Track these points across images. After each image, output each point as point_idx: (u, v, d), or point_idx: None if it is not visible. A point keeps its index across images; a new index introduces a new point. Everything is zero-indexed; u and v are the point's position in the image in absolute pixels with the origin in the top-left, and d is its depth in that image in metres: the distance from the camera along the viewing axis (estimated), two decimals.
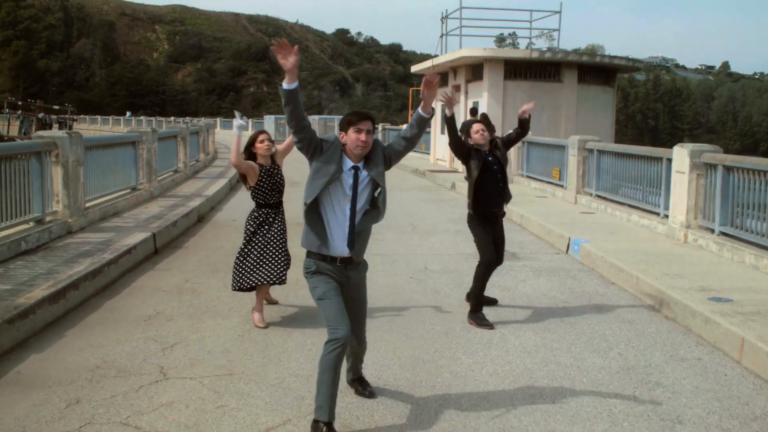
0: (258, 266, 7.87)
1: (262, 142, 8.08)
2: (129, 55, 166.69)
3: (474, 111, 24.36)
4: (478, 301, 7.98)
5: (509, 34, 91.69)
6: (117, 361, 6.61)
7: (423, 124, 5.32)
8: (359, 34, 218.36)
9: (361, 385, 5.89)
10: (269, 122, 53.88)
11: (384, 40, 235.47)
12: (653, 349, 7.20)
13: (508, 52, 24.37)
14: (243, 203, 18.00)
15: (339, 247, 5.21)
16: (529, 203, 16.58)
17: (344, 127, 5.17)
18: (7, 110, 57.90)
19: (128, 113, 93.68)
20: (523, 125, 8.40)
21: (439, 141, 28.21)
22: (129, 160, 15.46)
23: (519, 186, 20.63)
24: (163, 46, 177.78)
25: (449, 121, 8.03)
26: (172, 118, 57.48)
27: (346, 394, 5.82)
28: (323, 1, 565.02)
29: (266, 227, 7.99)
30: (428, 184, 23.73)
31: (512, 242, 12.83)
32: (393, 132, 41.07)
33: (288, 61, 4.81)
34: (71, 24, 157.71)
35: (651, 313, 8.51)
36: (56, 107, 60.06)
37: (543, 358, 6.84)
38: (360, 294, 5.48)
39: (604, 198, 15.59)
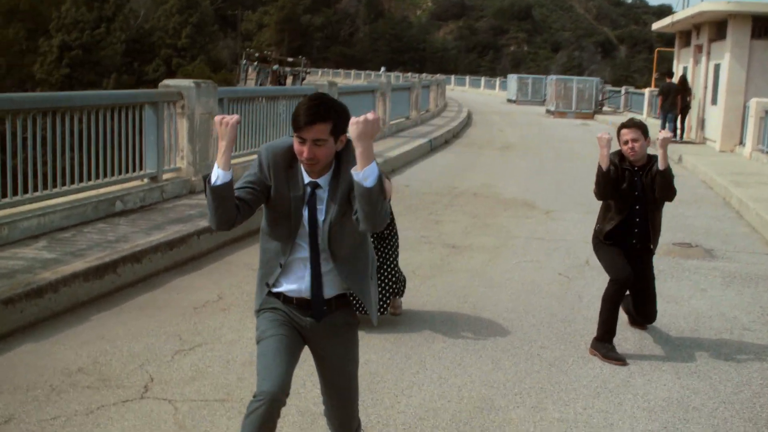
0: None
1: None
2: (393, 11, 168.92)
3: (670, 74, 22.90)
4: (605, 328, 5.87)
5: None
6: (108, 364, 5.28)
7: (367, 200, 3.10)
8: None
9: None
10: (512, 81, 51.67)
11: (654, 0, 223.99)
12: None
13: (758, 6, 20.68)
14: (434, 167, 16.49)
15: (297, 284, 3.49)
16: (756, 185, 13.71)
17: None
18: (245, 61, 59.38)
19: (383, 68, 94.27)
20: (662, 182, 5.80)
21: (709, 112, 22.96)
22: None
23: (755, 163, 17.51)
24: (427, 4, 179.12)
25: (604, 178, 5.89)
26: (417, 75, 56.54)
27: None
28: None
29: None
30: None
31: (716, 234, 10.39)
32: (636, 96, 37.65)
33: (227, 133, 3.31)
34: None
35: None
36: (290, 59, 60.81)
37: (667, 423, 4.73)
38: (338, 359, 3.59)
39: None
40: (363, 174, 3.06)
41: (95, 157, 8.63)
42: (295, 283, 3.47)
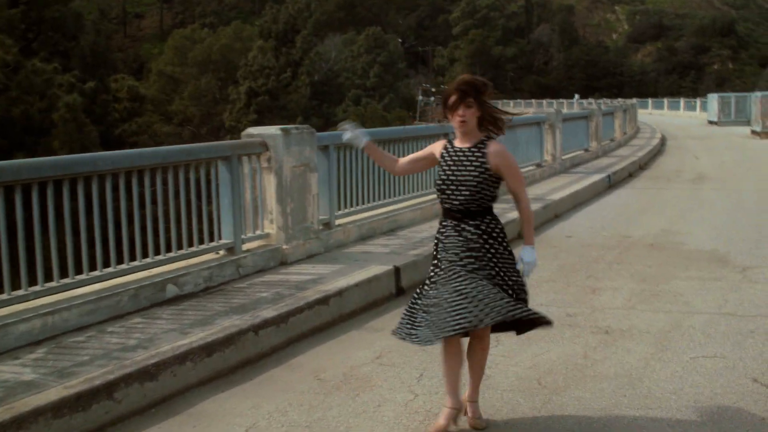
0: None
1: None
2: (587, 37, 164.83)
3: None
4: None
5: None
6: None
7: None
8: None
9: None
10: (712, 101, 47.47)
11: None
12: None
13: None
14: (608, 210, 14.05)
15: None
16: None
17: None
18: (421, 97, 58.43)
19: (576, 96, 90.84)
20: None
21: None
22: None
23: None
24: (623, 27, 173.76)
25: None
26: (610, 100, 53.50)
27: None
28: None
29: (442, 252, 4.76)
30: None
31: None
32: None
33: None
34: (531, 11, 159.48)
35: None
36: None
37: None
38: None
39: None
40: None
41: (142, 231, 6.95)
42: None
